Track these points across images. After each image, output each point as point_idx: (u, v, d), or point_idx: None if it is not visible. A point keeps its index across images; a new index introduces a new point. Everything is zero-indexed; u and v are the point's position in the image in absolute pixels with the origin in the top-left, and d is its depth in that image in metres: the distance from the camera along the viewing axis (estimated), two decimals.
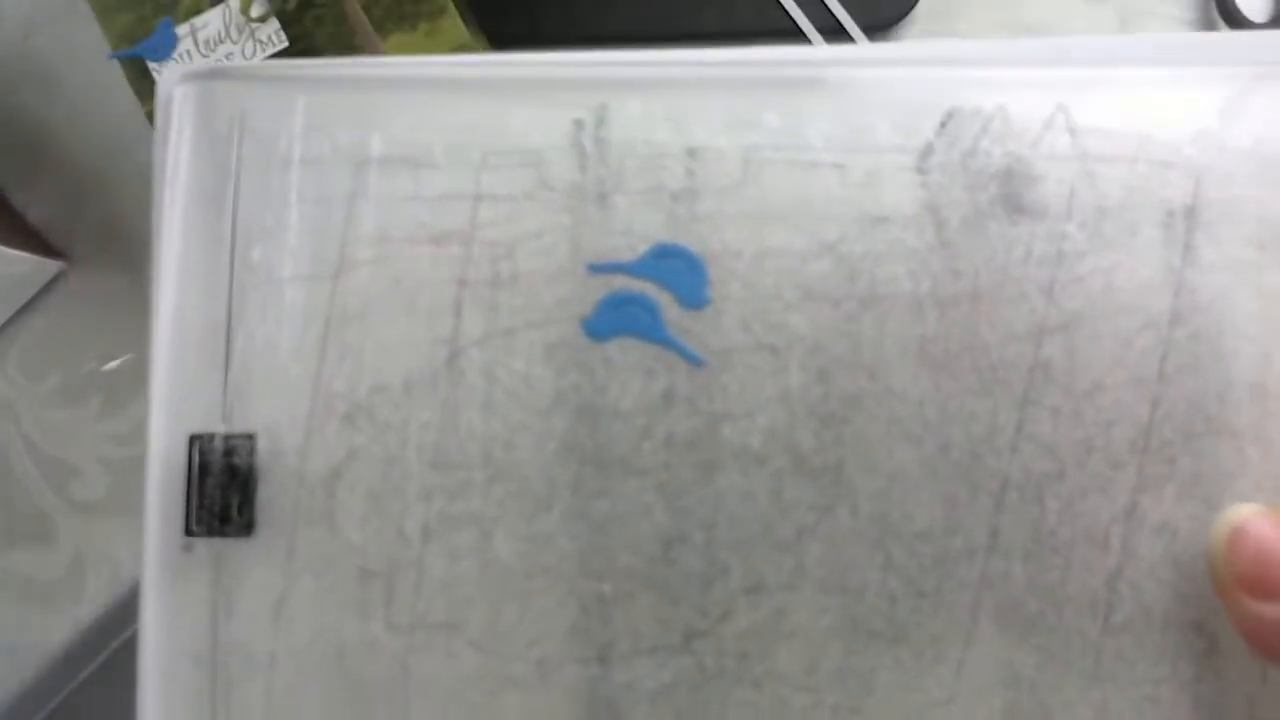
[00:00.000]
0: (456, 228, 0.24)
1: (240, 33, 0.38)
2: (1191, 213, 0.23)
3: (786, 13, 0.42)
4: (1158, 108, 0.24)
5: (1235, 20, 0.43)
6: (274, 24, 0.38)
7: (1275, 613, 0.20)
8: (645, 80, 0.24)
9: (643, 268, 0.24)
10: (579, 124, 0.24)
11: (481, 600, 0.23)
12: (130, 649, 0.23)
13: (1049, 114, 0.24)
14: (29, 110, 0.45)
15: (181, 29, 0.38)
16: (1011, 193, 0.24)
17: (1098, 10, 0.44)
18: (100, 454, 0.46)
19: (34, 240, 0.45)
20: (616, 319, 0.23)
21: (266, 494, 0.23)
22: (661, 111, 0.24)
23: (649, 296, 0.24)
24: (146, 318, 0.47)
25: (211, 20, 0.38)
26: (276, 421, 0.23)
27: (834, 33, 0.42)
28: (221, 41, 0.38)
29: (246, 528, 0.23)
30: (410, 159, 0.24)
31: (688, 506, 0.23)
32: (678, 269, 0.24)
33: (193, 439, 0.23)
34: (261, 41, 0.38)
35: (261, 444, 0.23)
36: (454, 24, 0.38)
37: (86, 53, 0.45)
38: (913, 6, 0.43)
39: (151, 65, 0.38)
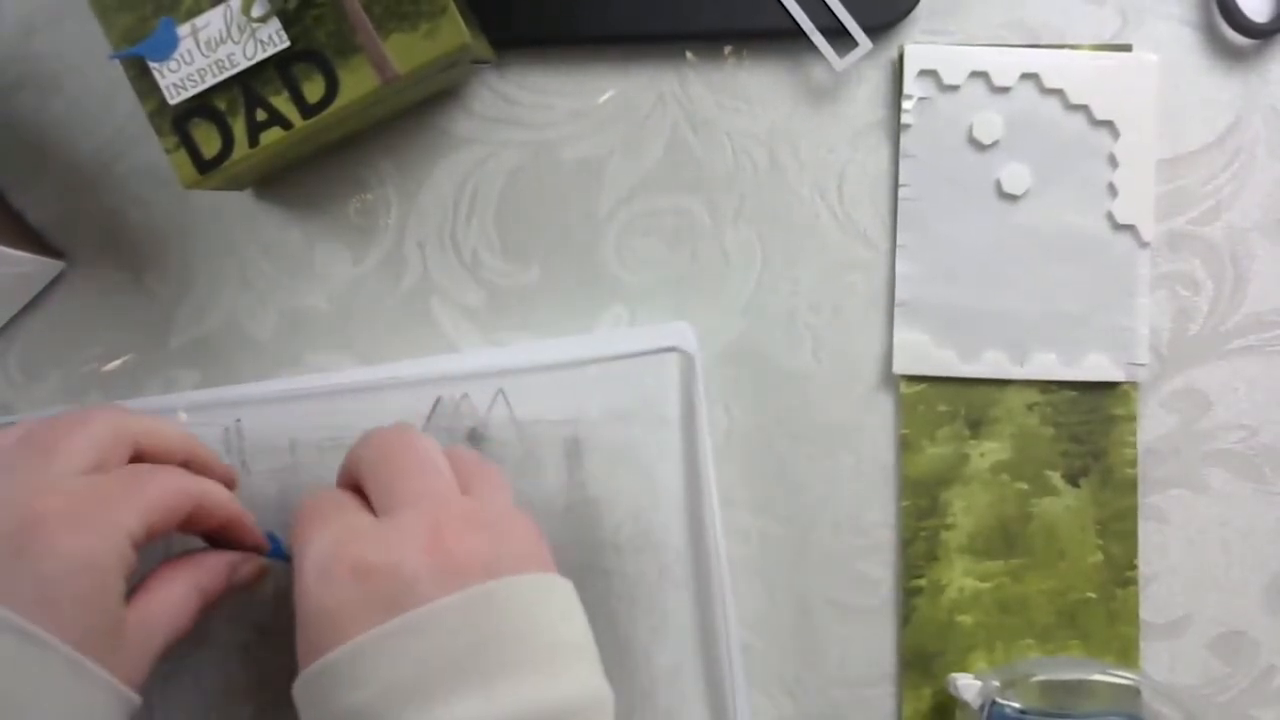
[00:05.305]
0: None
1: (241, 32, 0.38)
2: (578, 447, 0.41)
3: (787, 12, 0.42)
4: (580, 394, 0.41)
5: (1236, 20, 0.43)
6: (275, 24, 0.38)
7: None
8: (268, 398, 0.42)
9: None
10: (226, 429, 0.41)
11: None
12: None
13: (492, 397, 0.41)
14: (29, 111, 0.45)
15: (182, 29, 0.38)
16: (475, 447, 0.41)
17: (1098, 10, 0.44)
18: None
19: (34, 240, 0.45)
20: None
21: None
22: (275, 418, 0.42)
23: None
24: (146, 317, 0.47)
25: (213, 20, 0.38)
26: None
27: (834, 32, 0.42)
28: (222, 42, 0.38)
29: None
30: None
31: None
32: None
33: None
34: (262, 41, 0.38)
35: None
36: (454, 24, 0.38)
37: (86, 53, 0.45)
38: (913, 6, 0.43)
39: (152, 65, 0.38)
